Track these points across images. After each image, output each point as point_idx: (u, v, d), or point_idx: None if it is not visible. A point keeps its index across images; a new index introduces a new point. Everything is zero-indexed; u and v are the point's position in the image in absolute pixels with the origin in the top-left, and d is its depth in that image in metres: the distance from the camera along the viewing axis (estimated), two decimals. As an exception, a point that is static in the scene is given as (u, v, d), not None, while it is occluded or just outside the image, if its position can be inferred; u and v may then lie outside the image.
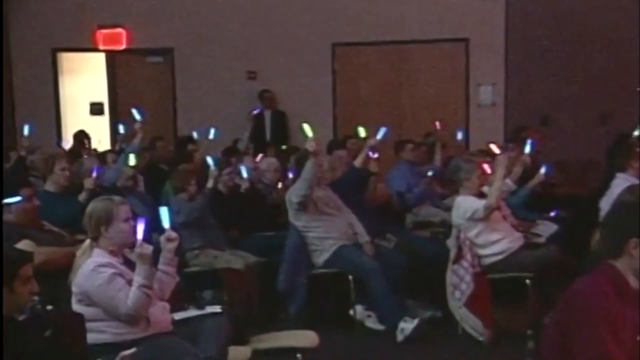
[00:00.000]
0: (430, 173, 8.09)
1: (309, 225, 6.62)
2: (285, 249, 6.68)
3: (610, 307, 2.88)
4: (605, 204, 5.85)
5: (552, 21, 10.96)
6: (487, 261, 6.23)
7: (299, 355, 4.77)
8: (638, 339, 2.98)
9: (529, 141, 7.28)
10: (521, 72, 11.07)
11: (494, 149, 6.65)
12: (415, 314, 6.33)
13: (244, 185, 7.55)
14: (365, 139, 7.37)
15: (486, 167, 6.40)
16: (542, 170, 7.39)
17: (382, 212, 7.69)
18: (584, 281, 3.01)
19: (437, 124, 9.15)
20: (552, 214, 7.53)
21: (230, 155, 8.83)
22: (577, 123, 10.77)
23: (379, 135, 7.14)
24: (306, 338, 4.88)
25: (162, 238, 4.47)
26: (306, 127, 6.45)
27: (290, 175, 7.53)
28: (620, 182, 6.12)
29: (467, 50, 11.31)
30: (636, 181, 6.14)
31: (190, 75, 11.76)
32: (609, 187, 6.25)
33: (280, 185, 7.89)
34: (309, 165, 6.45)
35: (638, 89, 9.66)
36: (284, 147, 9.73)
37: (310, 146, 6.42)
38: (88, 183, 6.77)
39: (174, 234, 4.47)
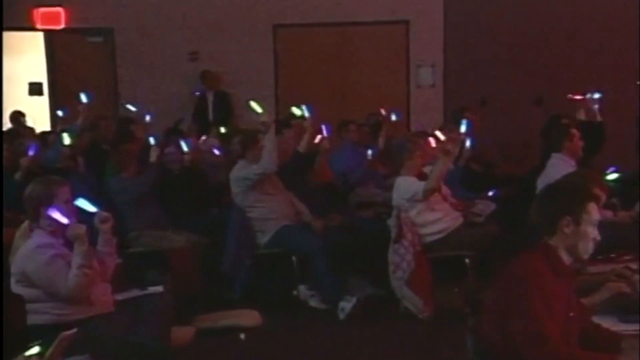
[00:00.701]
0: (369, 152, 8.13)
1: (253, 205, 6.64)
2: (228, 229, 6.68)
3: (545, 284, 2.96)
4: (541, 183, 5.98)
5: (490, 3, 11.10)
6: (428, 240, 6.33)
7: (242, 335, 4.80)
8: (571, 314, 3.07)
9: (464, 121, 7.41)
10: (460, 53, 11.19)
11: (440, 135, 6.73)
12: (357, 293, 6.40)
13: (187, 158, 7.50)
14: (302, 117, 7.40)
15: (432, 143, 6.49)
16: (468, 144, 7.52)
17: (325, 193, 7.73)
18: (520, 259, 3.09)
19: (382, 111, 9.23)
20: (491, 193, 7.65)
21: (172, 135, 8.77)
22: (514, 104, 10.95)
23: (306, 113, 7.18)
24: (249, 317, 4.91)
25: (96, 220, 4.44)
26: (254, 104, 6.46)
27: (218, 153, 7.54)
28: (556, 162, 6.27)
29: (407, 32, 11.38)
30: (571, 161, 6.30)
31: (132, 56, 11.60)
32: (545, 166, 6.39)
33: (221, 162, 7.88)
34: (270, 138, 6.45)
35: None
36: (223, 129, 9.64)
37: (266, 118, 6.42)
38: (24, 162, 6.69)
39: (105, 214, 4.44)
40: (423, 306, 6.21)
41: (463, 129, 7.22)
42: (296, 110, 7.50)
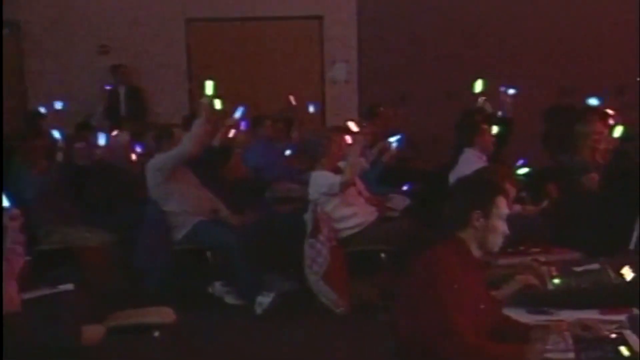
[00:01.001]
0: (288, 152, 8.15)
1: (168, 200, 6.55)
2: (143, 225, 6.59)
3: (455, 277, 3.00)
4: (453, 178, 6.08)
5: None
6: (344, 235, 6.36)
7: (156, 332, 4.73)
8: (482, 306, 3.13)
9: (376, 112, 7.46)
10: (373, 49, 11.28)
11: (352, 126, 6.78)
12: (273, 288, 6.39)
13: (98, 153, 7.35)
14: (220, 112, 7.35)
15: (347, 138, 6.53)
16: (393, 144, 7.63)
17: (240, 188, 7.69)
18: (431, 252, 3.13)
19: (292, 98, 9.22)
20: (405, 187, 7.76)
21: (82, 130, 8.59)
22: (427, 99, 11.10)
23: (237, 114, 7.13)
24: (163, 314, 4.84)
25: (5, 217, 4.31)
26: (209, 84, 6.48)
27: (139, 149, 7.44)
28: (467, 157, 6.39)
29: (321, 27, 11.42)
30: (482, 155, 6.43)
31: (39, 49, 11.30)
32: (457, 161, 6.50)
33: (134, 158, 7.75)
34: (199, 122, 6.38)
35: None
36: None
37: (204, 102, 6.42)
38: None
39: (16, 212, 4.32)
40: (339, 301, 6.25)
41: (375, 121, 7.31)
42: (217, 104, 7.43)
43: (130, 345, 5.09)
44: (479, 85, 7.62)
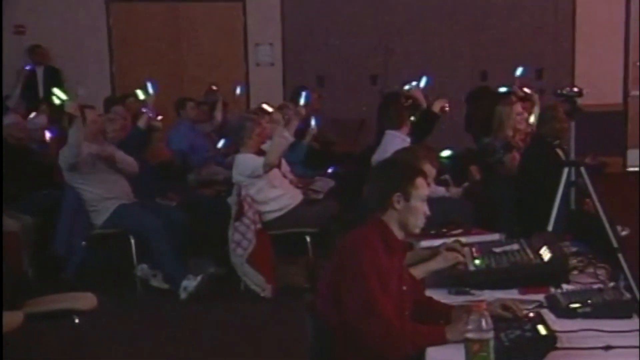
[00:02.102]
0: (220, 145, 8.08)
1: (87, 184, 6.43)
2: (61, 210, 6.46)
3: (377, 259, 3.02)
4: (376, 160, 6.12)
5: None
6: (268, 217, 6.36)
7: (76, 319, 4.65)
8: (404, 288, 3.16)
9: (302, 93, 7.50)
10: (297, 32, 11.27)
11: (267, 108, 6.77)
12: (199, 272, 6.36)
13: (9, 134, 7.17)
14: (144, 100, 7.27)
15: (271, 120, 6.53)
16: (313, 123, 7.67)
17: (164, 171, 7.62)
18: (353, 234, 3.14)
19: (214, 87, 9.20)
20: (330, 170, 7.79)
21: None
22: (350, 83, 11.15)
23: (150, 90, 7.05)
24: (84, 300, 4.76)
25: None
26: (57, 92, 6.27)
27: (49, 135, 7.29)
28: (390, 139, 6.43)
29: (244, 10, 11.34)
30: (405, 138, 6.48)
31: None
32: (381, 143, 6.54)
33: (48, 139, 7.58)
34: (72, 130, 6.26)
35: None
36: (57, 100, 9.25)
37: (69, 108, 6.23)
38: None
39: None
40: (264, 284, 6.25)
41: (302, 102, 7.33)
42: (140, 94, 7.33)
43: (50, 332, 5.01)
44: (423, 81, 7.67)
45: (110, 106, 7.78)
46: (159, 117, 7.17)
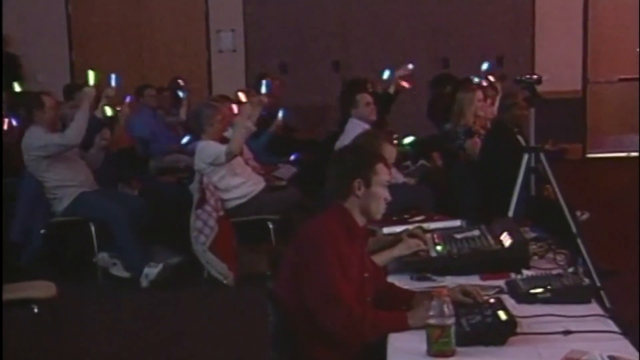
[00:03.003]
0: (184, 141, 8.01)
1: (48, 172, 6.36)
2: (19, 197, 6.38)
3: (339, 246, 3.02)
4: (339, 147, 6.13)
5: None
6: (230, 205, 6.33)
7: (35, 308, 4.60)
8: (366, 275, 3.17)
9: (263, 82, 7.50)
10: (259, 19, 11.22)
11: (241, 96, 6.74)
12: (160, 260, 6.32)
13: None
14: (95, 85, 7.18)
15: (234, 107, 6.49)
16: (280, 114, 7.68)
17: (125, 159, 7.55)
18: (314, 221, 3.14)
19: (180, 82, 9.15)
20: (292, 157, 7.79)
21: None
22: (313, 70, 11.14)
23: (112, 83, 6.95)
24: (42, 289, 4.71)
25: None
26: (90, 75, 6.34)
27: (15, 123, 7.18)
28: (352, 127, 6.44)
29: (206, -4, 11.30)
30: (366, 125, 6.50)
31: None
32: (343, 130, 6.56)
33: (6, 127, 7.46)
34: (82, 113, 6.21)
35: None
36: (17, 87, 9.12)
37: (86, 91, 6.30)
38: None
39: None
40: (227, 271, 6.23)
41: (264, 89, 7.32)
42: (91, 78, 7.23)
43: (8, 322, 4.94)
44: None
45: (70, 93, 7.67)
46: (118, 108, 7.08)
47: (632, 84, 11.37)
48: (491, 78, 7.71)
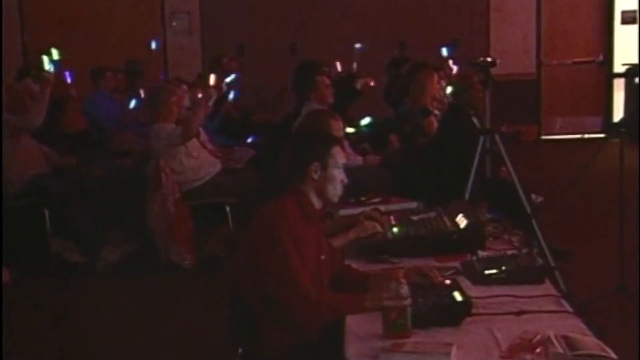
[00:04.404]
0: (131, 106, 7.94)
1: (4, 154, 6.24)
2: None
3: (295, 229, 3.02)
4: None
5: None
6: (187, 187, 6.30)
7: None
8: (322, 257, 3.18)
9: (233, 75, 7.52)
10: (215, 1, 11.14)
11: (212, 79, 6.70)
12: (117, 243, 6.27)
13: None
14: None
15: (185, 95, 6.46)
16: (231, 96, 7.65)
17: (80, 141, 7.46)
18: (271, 204, 3.14)
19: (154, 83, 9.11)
20: (249, 139, 7.76)
21: None
22: (269, 52, 11.09)
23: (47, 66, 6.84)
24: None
25: None
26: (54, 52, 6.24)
27: None
28: (308, 109, 6.42)
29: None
30: (322, 108, 6.49)
31: None
32: (299, 113, 6.53)
33: None
34: (46, 91, 6.13)
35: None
36: None
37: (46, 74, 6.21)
38: None
39: None
40: (185, 254, 6.20)
41: (212, 82, 7.30)
42: (45, 63, 7.11)
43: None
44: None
45: (24, 76, 7.54)
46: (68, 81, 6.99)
47: (585, 67, 11.53)
48: (450, 62, 7.75)
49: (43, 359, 4.72)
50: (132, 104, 7.90)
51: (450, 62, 7.76)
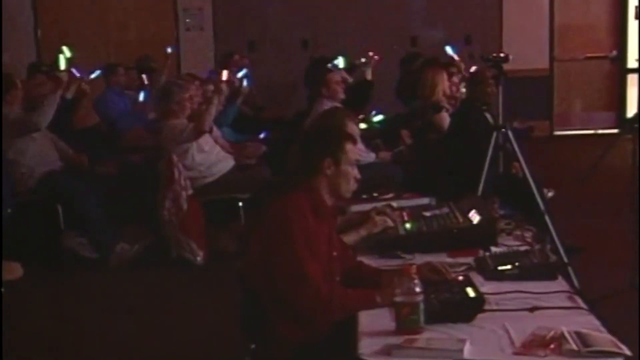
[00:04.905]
0: (141, 98, 7.95)
1: (19, 151, 6.26)
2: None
3: (307, 225, 3.02)
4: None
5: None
6: (199, 183, 6.30)
7: (2, 289, 4.56)
8: (334, 254, 3.17)
9: (243, 70, 7.51)
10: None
11: (225, 74, 6.70)
12: (130, 240, 6.29)
13: None
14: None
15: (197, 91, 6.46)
16: (244, 84, 7.65)
17: (92, 137, 7.47)
18: (283, 200, 3.13)
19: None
20: (261, 135, 7.76)
21: None
22: (280, 48, 11.09)
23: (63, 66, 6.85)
24: (10, 270, 4.67)
25: None
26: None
27: None
28: (322, 106, 6.42)
29: (174, -27, 11.19)
30: (334, 104, 6.49)
31: None
32: (312, 109, 6.53)
33: None
34: (55, 95, 6.16)
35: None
36: None
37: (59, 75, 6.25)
38: None
39: None
40: (196, 250, 6.21)
41: (241, 74, 7.32)
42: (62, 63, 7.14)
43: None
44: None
45: (34, 72, 7.57)
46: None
47: (598, 62, 11.47)
48: (456, 58, 7.75)
49: (55, 353, 4.73)
50: (141, 96, 7.91)
51: (456, 58, 7.74)
